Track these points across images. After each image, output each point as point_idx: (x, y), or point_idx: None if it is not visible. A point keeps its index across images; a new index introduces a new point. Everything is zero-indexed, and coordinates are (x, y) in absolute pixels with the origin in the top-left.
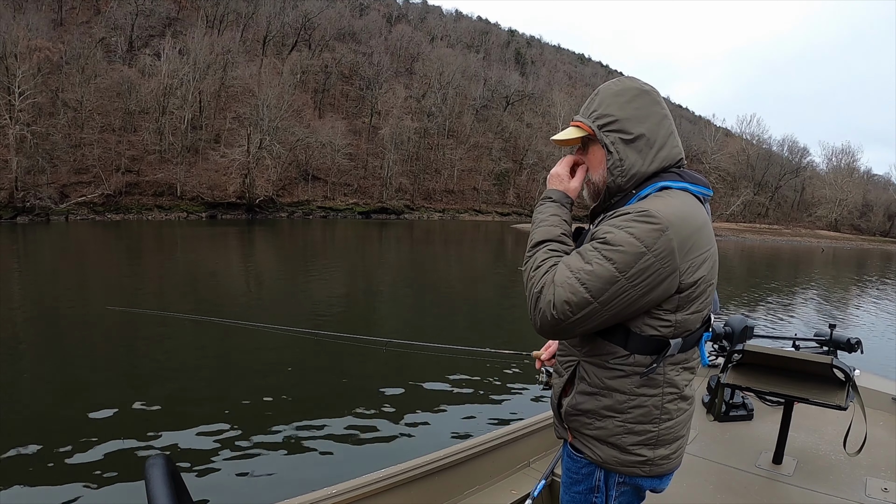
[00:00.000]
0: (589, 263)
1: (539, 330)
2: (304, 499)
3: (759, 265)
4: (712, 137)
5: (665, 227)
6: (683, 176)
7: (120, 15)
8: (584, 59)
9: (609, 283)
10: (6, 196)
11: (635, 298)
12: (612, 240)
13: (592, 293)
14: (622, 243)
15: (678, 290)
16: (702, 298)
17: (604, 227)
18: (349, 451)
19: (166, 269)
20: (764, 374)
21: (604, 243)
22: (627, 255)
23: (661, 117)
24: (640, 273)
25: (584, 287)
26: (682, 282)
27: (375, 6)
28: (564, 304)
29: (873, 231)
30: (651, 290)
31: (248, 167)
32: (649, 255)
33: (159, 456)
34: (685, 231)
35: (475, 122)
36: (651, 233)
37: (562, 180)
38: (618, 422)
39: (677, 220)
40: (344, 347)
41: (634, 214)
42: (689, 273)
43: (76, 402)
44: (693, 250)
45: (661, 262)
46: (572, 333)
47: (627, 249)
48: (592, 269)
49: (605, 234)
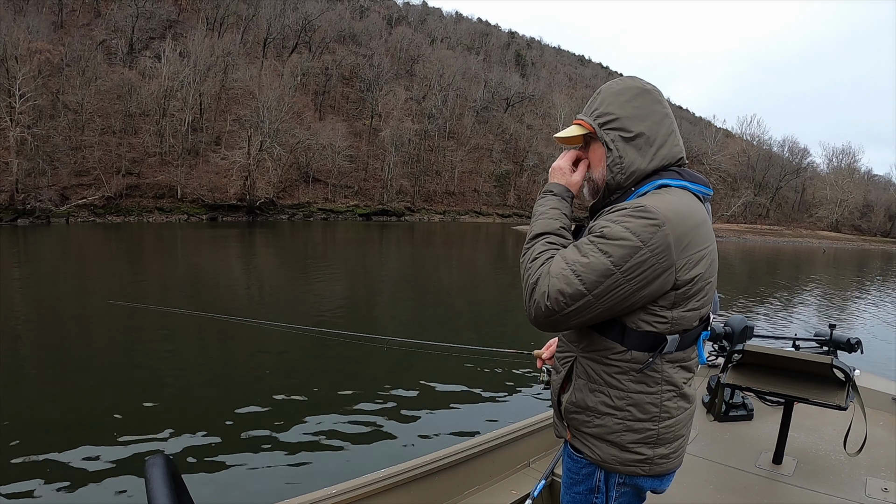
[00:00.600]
0: (585, 256)
1: (533, 321)
2: (304, 499)
3: (760, 266)
4: (713, 138)
5: (661, 223)
6: (683, 174)
7: (120, 17)
8: (584, 60)
9: (604, 276)
10: (7, 198)
11: (630, 293)
12: (608, 233)
13: (587, 285)
14: (618, 237)
15: (674, 286)
16: (699, 296)
17: (601, 221)
18: (349, 451)
19: (167, 271)
20: (764, 374)
21: (600, 237)
22: (623, 249)
23: (661, 116)
24: (635, 267)
25: (578, 279)
26: (678, 278)
27: (376, 8)
28: (559, 294)
29: (874, 232)
30: (646, 285)
31: (248, 169)
32: (645, 250)
33: (159, 455)
34: (682, 228)
35: (476, 124)
36: (647, 228)
37: (564, 174)
38: (617, 419)
39: (674, 217)
40: (344, 347)
41: (631, 209)
42: (686, 270)
43: (76, 401)
44: (690, 247)
45: (657, 257)
46: (566, 325)
47: (623, 243)
48: (588, 262)
49: (601, 228)
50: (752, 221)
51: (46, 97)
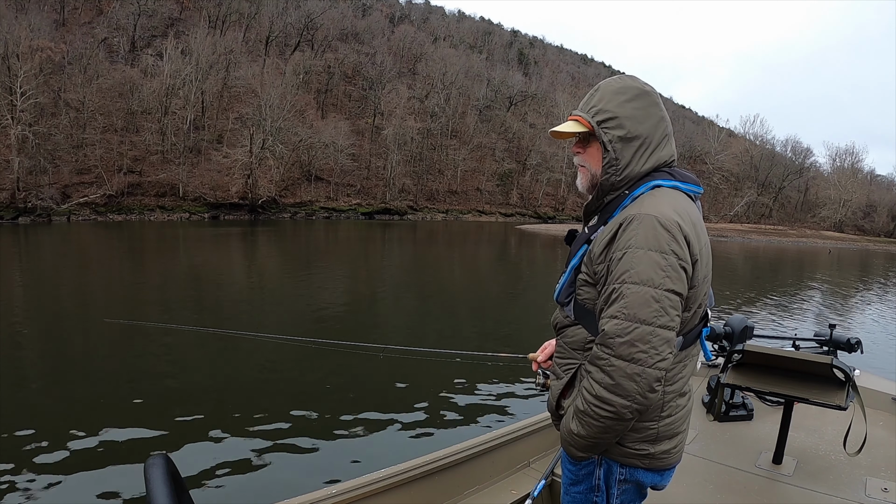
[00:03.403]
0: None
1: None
2: (304, 499)
3: (763, 266)
4: (716, 138)
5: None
6: (674, 174)
7: (122, 15)
8: (586, 59)
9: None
10: (8, 196)
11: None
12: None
13: (647, 320)
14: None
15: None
16: (700, 295)
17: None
18: (349, 452)
19: (168, 272)
20: (764, 374)
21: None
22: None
23: (658, 119)
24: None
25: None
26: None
27: (378, 6)
28: (658, 367)
29: (877, 232)
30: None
31: (250, 168)
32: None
33: (159, 456)
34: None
35: (478, 123)
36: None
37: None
38: None
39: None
40: (343, 351)
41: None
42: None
43: (76, 401)
44: (690, 247)
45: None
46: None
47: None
48: (627, 302)
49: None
50: (755, 221)
51: (48, 95)
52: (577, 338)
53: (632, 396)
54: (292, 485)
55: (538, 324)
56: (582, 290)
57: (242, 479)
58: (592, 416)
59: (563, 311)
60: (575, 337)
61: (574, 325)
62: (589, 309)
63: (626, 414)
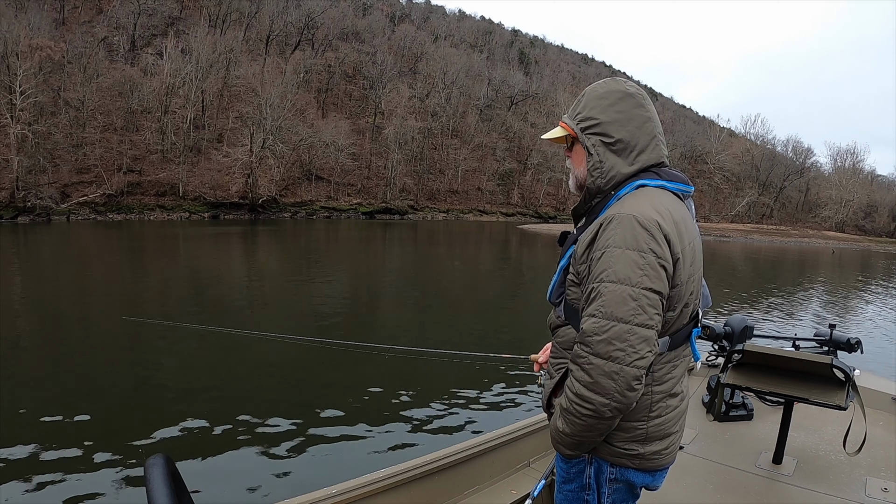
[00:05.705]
0: (601, 301)
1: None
2: (304, 499)
3: (763, 266)
4: (717, 138)
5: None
6: (661, 174)
7: (122, 14)
8: (587, 59)
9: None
10: (7, 196)
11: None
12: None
13: (624, 318)
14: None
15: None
16: (686, 294)
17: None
18: (349, 452)
19: (169, 272)
20: (764, 374)
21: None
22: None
23: (643, 121)
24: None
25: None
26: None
27: (379, 6)
28: (637, 365)
29: (878, 232)
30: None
31: (250, 167)
32: (648, 255)
33: (159, 456)
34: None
35: (479, 122)
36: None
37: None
38: None
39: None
40: (345, 351)
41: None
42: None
43: (76, 401)
44: (672, 245)
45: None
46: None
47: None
48: (604, 301)
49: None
50: (756, 221)
51: (47, 94)
52: (567, 337)
53: (610, 394)
54: (292, 485)
55: (539, 324)
56: (570, 291)
57: (243, 479)
58: (574, 413)
59: (556, 311)
60: (566, 337)
61: (565, 325)
62: (576, 308)
63: (605, 412)
